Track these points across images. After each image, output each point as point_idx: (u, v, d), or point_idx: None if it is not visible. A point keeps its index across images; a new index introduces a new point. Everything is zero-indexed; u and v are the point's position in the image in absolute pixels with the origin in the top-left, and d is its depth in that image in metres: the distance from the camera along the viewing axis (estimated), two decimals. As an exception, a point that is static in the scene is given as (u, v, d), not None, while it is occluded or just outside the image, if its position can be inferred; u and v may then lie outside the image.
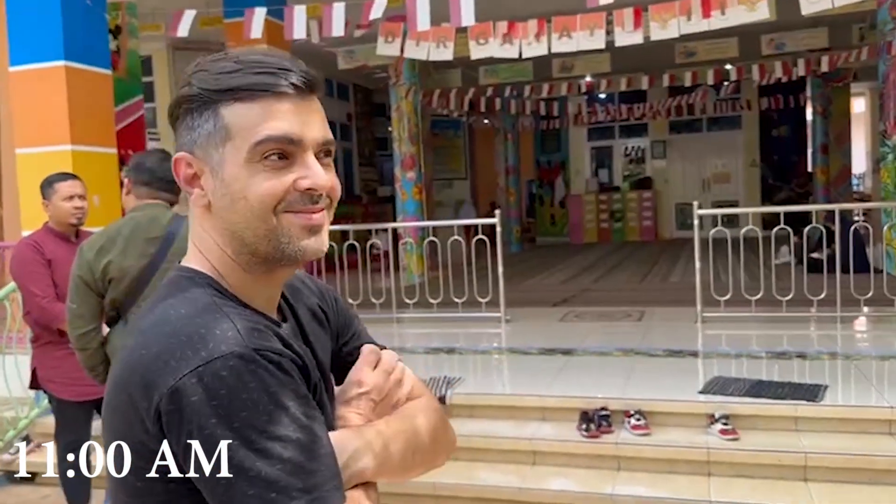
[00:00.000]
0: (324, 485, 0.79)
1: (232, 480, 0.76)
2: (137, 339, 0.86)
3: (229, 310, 0.86)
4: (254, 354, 0.80)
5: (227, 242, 0.91)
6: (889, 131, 8.08)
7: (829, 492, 3.44)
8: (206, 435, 0.77)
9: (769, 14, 5.97)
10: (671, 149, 15.54)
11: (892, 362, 4.60)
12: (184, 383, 0.78)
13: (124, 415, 0.83)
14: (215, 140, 0.88)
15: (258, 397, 0.78)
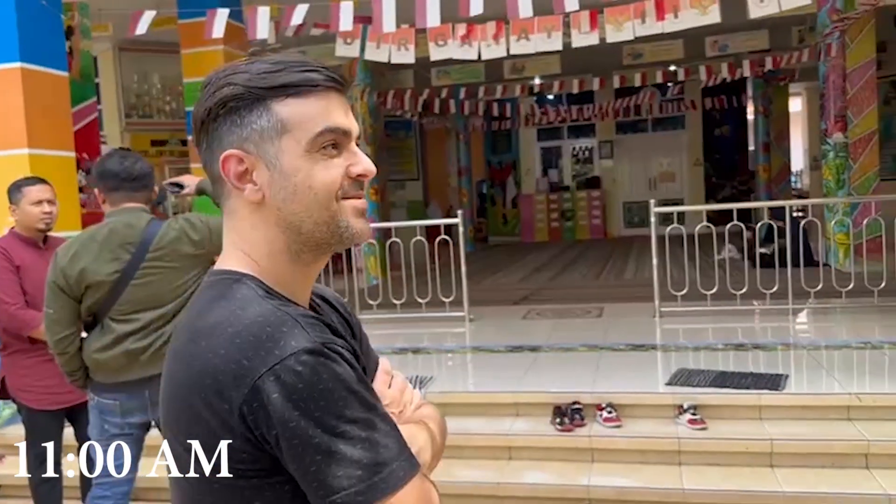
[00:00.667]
0: (398, 457, 0.85)
1: (321, 464, 0.82)
2: (198, 343, 0.88)
3: (285, 307, 0.90)
4: (322, 348, 0.85)
5: (281, 234, 0.95)
6: (830, 131, 8.43)
7: (794, 476, 3.58)
8: (291, 428, 0.82)
9: (720, 18, 6.18)
10: (618, 149, 15.84)
11: (844, 351, 4.82)
12: (263, 382, 0.82)
13: (199, 418, 0.86)
14: (270, 134, 0.92)
15: (332, 387, 0.84)
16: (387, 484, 0.83)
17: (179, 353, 0.92)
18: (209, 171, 0.98)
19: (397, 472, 0.84)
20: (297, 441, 0.82)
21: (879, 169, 9.92)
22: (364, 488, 0.82)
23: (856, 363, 4.61)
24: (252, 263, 0.96)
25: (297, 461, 0.83)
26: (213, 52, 6.65)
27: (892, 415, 3.81)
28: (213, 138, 0.95)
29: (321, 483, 0.83)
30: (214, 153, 0.95)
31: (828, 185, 8.41)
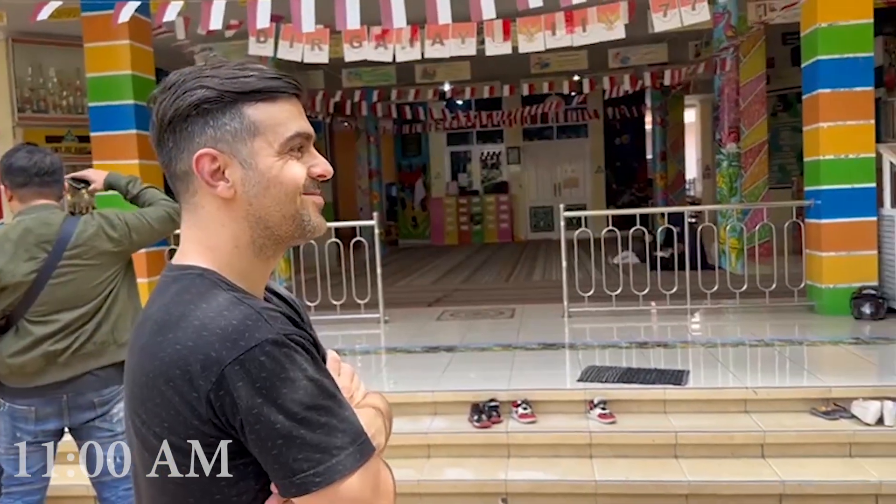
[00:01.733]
0: (355, 441, 0.92)
1: (282, 448, 0.88)
2: (165, 336, 0.92)
3: (248, 301, 0.95)
4: (284, 339, 0.91)
5: (248, 228, 1.01)
6: (724, 141, 8.92)
7: (696, 466, 3.81)
8: (255, 414, 0.88)
9: (624, 33, 6.47)
10: (525, 155, 16.23)
11: (740, 348, 5.14)
12: (229, 371, 0.88)
13: (168, 405, 0.91)
14: (243, 136, 0.98)
15: (294, 376, 0.90)
16: (344, 466, 0.89)
17: (145, 346, 0.95)
18: (172, 167, 1.02)
19: (354, 454, 0.91)
20: (259, 426, 0.88)
21: (768, 177, 10.59)
22: (322, 470, 0.88)
23: (750, 359, 4.92)
24: (214, 258, 1.00)
25: (260, 445, 0.89)
26: (119, 47, 6.44)
27: (785, 407, 4.11)
28: (183, 138, 0.99)
29: (282, 465, 0.89)
30: (183, 152, 0.99)
31: (721, 193, 8.90)
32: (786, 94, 12.43)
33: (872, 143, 6.00)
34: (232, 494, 0.93)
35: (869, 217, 6.03)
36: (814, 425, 3.93)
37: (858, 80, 5.94)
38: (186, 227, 1.03)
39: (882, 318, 5.75)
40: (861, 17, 5.89)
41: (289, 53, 6.79)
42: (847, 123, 5.98)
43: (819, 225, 6.17)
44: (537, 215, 15.97)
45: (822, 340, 5.27)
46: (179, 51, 9.39)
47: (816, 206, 6.21)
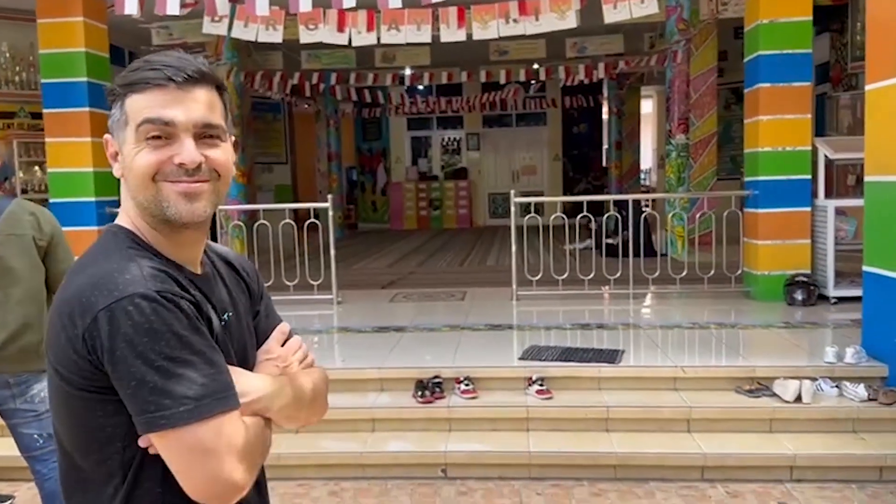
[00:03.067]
0: (213, 394, 1.02)
1: (136, 389, 1.00)
2: (70, 278, 1.09)
3: (140, 258, 1.09)
4: (154, 295, 1.03)
5: (133, 206, 1.15)
6: (674, 131, 9.17)
7: (626, 439, 4.02)
8: (116, 356, 1.00)
9: (576, 23, 6.64)
10: (484, 141, 16.38)
11: (674, 331, 5.38)
12: (101, 316, 1.01)
13: (58, 339, 1.05)
14: (121, 125, 1.13)
15: (157, 328, 1.01)
16: (191, 414, 1.00)
17: (61, 286, 1.11)
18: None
19: (207, 406, 1.01)
20: (119, 367, 1.00)
21: (718, 169, 10.90)
22: (169, 414, 0.99)
23: (684, 341, 5.15)
24: (130, 222, 1.16)
25: (119, 384, 1.01)
26: (72, 24, 6.40)
27: (710, 385, 4.34)
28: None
29: (134, 404, 1.00)
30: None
31: (669, 182, 9.16)
32: (738, 87, 12.74)
33: (809, 137, 6.27)
34: (106, 424, 1.05)
35: (803, 207, 6.31)
36: (737, 402, 4.17)
37: (797, 75, 6.19)
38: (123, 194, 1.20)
39: (813, 304, 6.04)
40: (800, 15, 6.14)
41: (243, 33, 6.81)
42: (785, 117, 6.24)
43: (756, 214, 6.43)
44: (496, 201, 16.17)
45: (754, 324, 5.53)
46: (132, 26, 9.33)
47: (754, 196, 6.47)
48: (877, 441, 3.86)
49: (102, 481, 1.07)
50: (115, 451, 1.06)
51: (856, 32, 10.12)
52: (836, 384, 4.18)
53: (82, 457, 1.08)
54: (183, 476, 1.03)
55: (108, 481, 1.07)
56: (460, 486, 3.82)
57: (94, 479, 1.08)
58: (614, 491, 3.75)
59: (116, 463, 1.07)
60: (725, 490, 3.71)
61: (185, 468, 1.02)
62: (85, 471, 1.09)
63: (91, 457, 1.08)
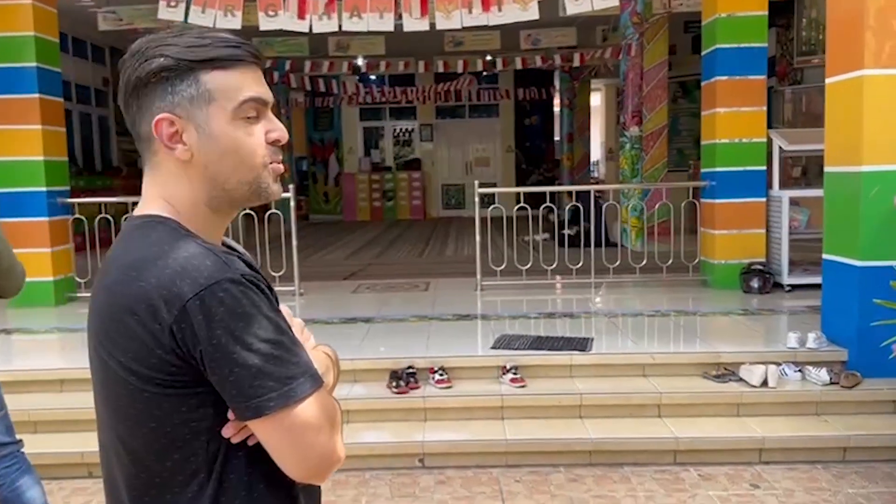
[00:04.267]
0: (304, 373, 1.01)
1: (238, 375, 0.98)
2: (129, 275, 1.01)
3: (207, 245, 1.05)
4: (241, 278, 1.01)
5: (205, 188, 1.09)
6: (627, 124, 9.31)
7: (599, 426, 4.08)
8: (213, 344, 0.97)
9: (538, 14, 6.67)
10: (437, 132, 16.37)
11: (638, 318, 5.47)
12: (191, 305, 0.97)
13: (134, 336, 0.99)
14: (199, 102, 1.06)
15: (249, 311, 0.99)
16: (294, 393, 0.99)
17: (111, 285, 1.04)
18: (136, 129, 1.09)
19: (304, 384, 1.00)
20: (218, 355, 0.97)
21: (668, 161, 11.12)
22: (275, 395, 0.98)
23: (648, 328, 5.25)
24: (173, 210, 1.09)
25: (219, 373, 0.98)
26: (21, 6, 6.15)
27: (678, 371, 4.43)
28: (144, 102, 1.07)
29: (239, 391, 0.98)
30: (145, 115, 1.07)
31: (624, 174, 9.31)
32: (685, 81, 13.02)
33: (764, 129, 6.44)
34: (190, 420, 1.02)
35: (759, 198, 6.48)
36: (705, 387, 4.27)
37: (753, 68, 6.35)
38: (149, 183, 1.11)
39: (768, 292, 6.22)
40: (757, 9, 6.30)
41: (200, 19, 6.65)
42: (741, 110, 6.39)
43: (713, 205, 6.58)
44: (449, 193, 16.19)
45: (713, 311, 5.67)
46: (79, 10, 9.03)
47: (711, 186, 6.62)
48: (839, 423, 4.00)
49: (184, 481, 1.03)
50: (199, 447, 1.03)
51: (801, 28, 10.45)
52: (799, 369, 4.31)
53: (160, 459, 1.03)
54: (289, 456, 1.01)
55: (191, 480, 1.03)
56: (438, 476, 3.82)
57: (173, 480, 1.04)
58: (590, 476, 3.80)
59: (201, 459, 1.03)
60: (698, 473, 3.80)
61: (292, 448, 1.01)
62: (162, 473, 1.04)
63: (172, 457, 1.03)
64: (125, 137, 13.66)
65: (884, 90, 4.08)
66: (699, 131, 13.58)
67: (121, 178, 12.41)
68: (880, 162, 4.12)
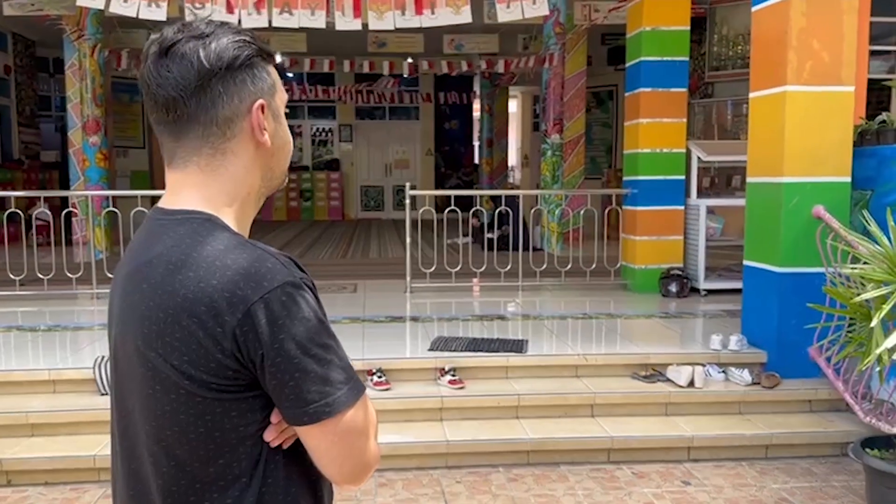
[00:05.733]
0: (353, 377, 1.02)
1: (298, 381, 0.97)
2: (185, 274, 0.97)
3: (260, 245, 1.02)
4: (300, 282, 1.00)
5: (261, 178, 1.09)
6: (549, 132, 9.52)
7: (536, 426, 4.14)
8: (276, 349, 0.96)
9: (471, 18, 6.73)
10: (357, 133, 16.25)
11: (568, 321, 5.60)
12: (255, 309, 0.95)
13: (191, 339, 0.96)
14: (272, 91, 1.08)
15: (309, 315, 0.98)
16: (347, 398, 0.99)
17: (160, 285, 0.99)
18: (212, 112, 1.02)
19: (353, 389, 1.01)
20: (280, 360, 0.95)
21: (584, 168, 11.42)
22: (332, 401, 0.98)
23: (578, 331, 5.37)
24: (216, 205, 1.05)
25: (279, 377, 0.96)
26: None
27: (611, 372, 4.56)
28: (234, 84, 1.03)
29: (297, 396, 0.97)
30: (233, 98, 1.03)
31: (545, 180, 9.51)
32: (599, 92, 13.44)
33: (684, 140, 6.71)
34: (239, 424, 0.99)
35: (677, 206, 6.74)
36: (636, 388, 4.41)
37: (675, 81, 6.61)
38: (199, 172, 1.05)
39: (686, 296, 6.48)
40: (680, 24, 6.56)
41: (122, 8, 6.40)
42: (663, 121, 6.64)
43: (635, 212, 6.81)
44: (368, 194, 16.09)
45: (637, 314, 5.86)
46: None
47: (633, 194, 6.84)
48: (761, 421, 4.20)
49: (226, 485, 1.01)
50: (244, 452, 1.00)
51: (713, 44, 10.95)
52: (722, 370, 4.51)
53: (204, 464, 1.00)
54: (336, 460, 1.01)
55: (233, 484, 1.01)
56: (380, 479, 3.79)
57: (214, 485, 1.01)
58: (530, 476, 3.85)
59: (245, 463, 1.01)
60: (631, 471, 3.91)
61: (340, 452, 1.00)
62: (205, 479, 1.00)
63: (218, 461, 1.00)
64: (26, 129, 12.94)
65: (804, 105, 4.33)
66: (611, 141, 14.08)
67: (22, 172, 11.76)
68: (800, 174, 4.37)
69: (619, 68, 12.92)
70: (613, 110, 13.51)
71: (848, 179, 4.40)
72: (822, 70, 4.30)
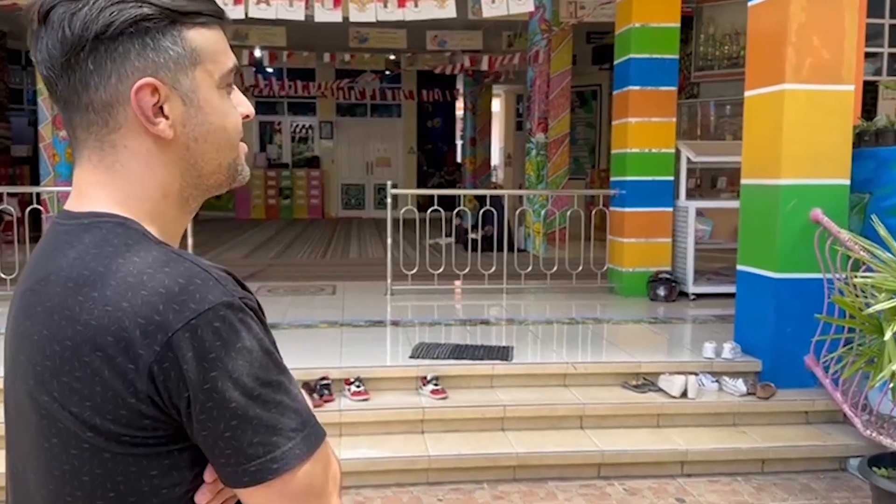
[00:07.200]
0: (309, 421, 0.80)
1: (236, 430, 0.75)
2: (87, 295, 0.75)
3: (188, 256, 0.80)
4: (240, 303, 0.78)
5: (179, 176, 0.85)
6: (534, 131, 9.32)
7: (523, 438, 3.93)
8: (206, 390, 0.74)
9: (455, 13, 6.53)
10: (338, 130, 15.98)
11: (556, 325, 5.40)
12: (178, 338, 0.73)
13: (95, 380, 0.74)
14: (184, 64, 0.82)
15: (251, 346, 0.77)
16: (301, 450, 0.77)
17: (57, 307, 0.77)
18: (86, 95, 0.80)
19: (308, 437, 0.79)
20: (212, 405, 0.74)
21: (569, 168, 11.27)
22: (279, 455, 0.76)
23: (564, 336, 5.17)
24: (134, 208, 0.82)
25: (211, 427, 0.75)
26: None
27: (600, 381, 4.36)
28: (111, 59, 0.79)
29: (235, 450, 0.75)
30: (111, 77, 0.79)
31: (529, 180, 9.31)
32: (583, 91, 13.27)
33: (673, 140, 6.54)
34: (162, 486, 0.77)
35: (666, 207, 6.57)
36: (626, 398, 4.22)
37: (664, 79, 6.43)
38: (94, 170, 0.82)
39: (674, 301, 6.31)
40: (670, 21, 6.38)
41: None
42: (652, 120, 6.46)
43: (623, 213, 6.63)
44: (349, 192, 15.82)
45: (625, 319, 5.67)
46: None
47: (621, 195, 6.66)
48: (757, 434, 4.02)
49: None
50: None
51: (699, 44, 10.82)
52: (716, 379, 4.33)
53: None
54: None
55: None
56: (356, 496, 3.56)
57: None
58: (516, 493, 3.65)
59: None
60: (623, 487, 3.72)
61: None
62: None
63: None
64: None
65: (804, 104, 4.15)
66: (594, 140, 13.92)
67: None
68: (798, 176, 4.19)
69: (604, 68, 12.81)
70: (597, 110, 13.36)
71: (847, 182, 4.24)
72: (822, 68, 4.13)
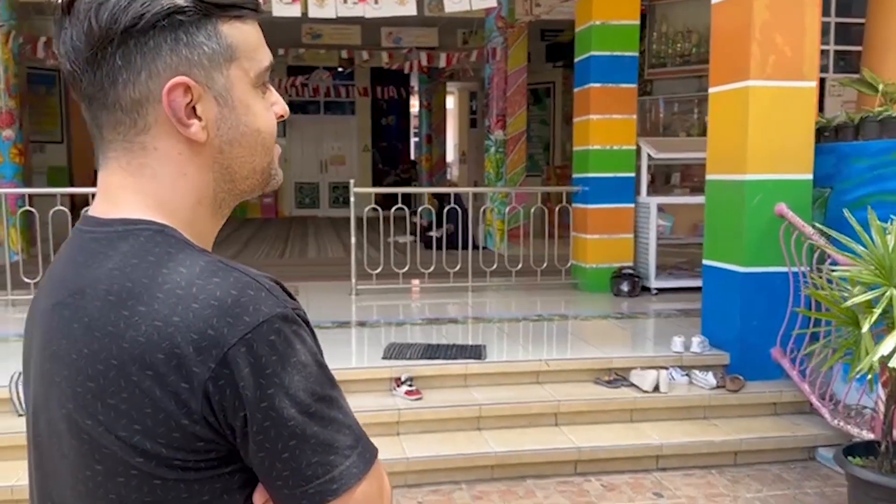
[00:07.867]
0: (361, 437, 0.77)
1: (294, 450, 0.71)
2: (133, 309, 0.70)
3: (235, 265, 0.75)
4: (293, 314, 0.74)
5: (212, 181, 0.79)
6: (492, 128, 9.33)
7: (499, 437, 3.92)
8: (264, 408, 0.70)
9: (416, 10, 6.47)
10: (291, 129, 15.73)
11: (524, 323, 5.39)
12: (233, 353, 0.69)
13: (145, 401, 0.69)
14: (219, 61, 0.76)
15: (306, 360, 0.73)
16: (358, 468, 0.74)
17: (98, 323, 0.71)
18: (113, 93, 0.74)
19: (363, 454, 0.75)
20: (269, 424, 0.70)
21: (526, 165, 11.31)
22: (338, 474, 0.72)
23: (531, 333, 5.17)
24: (167, 215, 0.77)
25: (268, 447, 0.71)
26: None
27: (573, 377, 4.37)
28: (141, 55, 0.73)
29: (293, 471, 0.71)
30: (140, 73, 0.73)
31: (489, 177, 9.32)
32: (537, 89, 13.34)
33: (634, 136, 6.60)
34: None
35: (628, 204, 6.63)
36: (599, 394, 4.23)
37: (624, 76, 6.49)
38: (122, 172, 0.77)
39: (637, 296, 6.37)
40: (629, 18, 6.43)
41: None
42: (613, 117, 6.51)
43: (585, 210, 6.67)
44: (303, 191, 15.60)
45: (591, 315, 5.70)
46: None
47: (584, 192, 6.70)
48: (728, 427, 4.08)
49: None
50: None
51: (653, 42, 10.97)
52: (686, 373, 4.38)
53: None
54: None
55: None
56: (334, 501, 3.49)
57: None
58: (495, 492, 3.63)
59: None
60: (600, 483, 3.73)
61: None
62: None
63: None
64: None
65: (768, 101, 4.22)
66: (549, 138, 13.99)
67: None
68: (763, 171, 4.26)
69: (558, 65, 12.90)
70: (551, 107, 13.44)
71: (810, 177, 4.33)
72: (785, 65, 4.21)
